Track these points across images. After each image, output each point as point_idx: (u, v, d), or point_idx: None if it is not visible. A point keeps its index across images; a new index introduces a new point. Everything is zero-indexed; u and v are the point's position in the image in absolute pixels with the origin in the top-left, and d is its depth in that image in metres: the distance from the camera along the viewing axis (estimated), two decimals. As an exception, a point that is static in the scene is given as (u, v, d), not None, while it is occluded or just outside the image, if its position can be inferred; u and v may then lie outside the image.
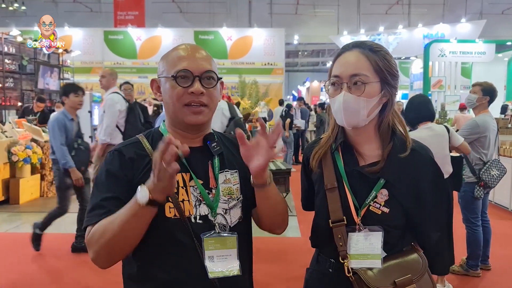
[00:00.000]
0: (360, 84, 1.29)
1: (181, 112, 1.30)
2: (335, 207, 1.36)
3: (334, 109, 1.34)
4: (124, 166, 1.29)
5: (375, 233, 1.32)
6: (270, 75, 15.08)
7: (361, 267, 1.31)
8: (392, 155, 1.34)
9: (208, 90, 1.31)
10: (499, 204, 6.77)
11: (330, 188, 1.38)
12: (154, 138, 1.37)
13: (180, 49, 1.35)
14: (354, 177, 1.36)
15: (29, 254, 4.62)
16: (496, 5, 19.17)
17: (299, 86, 32.04)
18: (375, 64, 1.31)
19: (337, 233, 1.35)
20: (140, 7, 16.68)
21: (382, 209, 1.32)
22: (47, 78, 11.13)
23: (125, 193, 1.24)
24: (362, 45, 1.34)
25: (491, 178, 3.90)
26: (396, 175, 1.33)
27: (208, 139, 1.38)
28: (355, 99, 1.29)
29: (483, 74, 11.64)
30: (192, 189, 1.31)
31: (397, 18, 19.67)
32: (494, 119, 4.11)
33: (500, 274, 4.22)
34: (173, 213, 1.27)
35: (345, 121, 1.31)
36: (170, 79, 1.30)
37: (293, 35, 21.41)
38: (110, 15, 17.29)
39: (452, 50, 11.83)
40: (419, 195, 1.35)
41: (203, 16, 19.76)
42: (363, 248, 1.32)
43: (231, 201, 1.35)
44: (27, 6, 18.42)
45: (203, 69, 1.31)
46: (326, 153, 1.42)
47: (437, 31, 16.46)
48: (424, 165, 1.36)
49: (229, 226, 1.33)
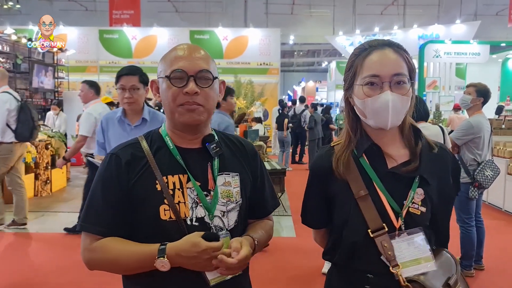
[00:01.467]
0: (402, 83, 1.27)
1: (176, 112, 1.30)
2: (372, 215, 1.27)
3: (374, 109, 1.26)
4: (120, 172, 1.29)
5: (416, 235, 1.28)
6: (266, 75, 15.08)
7: (416, 273, 1.24)
8: (424, 153, 1.34)
9: (203, 90, 1.29)
10: (492, 204, 6.81)
11: (361, 196, 1.29)
12: (153, 139, 1.37)
13: (178, 49, 1.34)
14: (389, 180, 1.30)
15: (24, 254, 4.60)
16: (490, 7, 19.25)
17: (294, 86, 32.06)
18: (408, 64, 1.30)
19: (382, 243, 1.26)
20: (136, 6, 16.61)
21: (420, 208, 1.29)
22: (41, 77, 11.08)
23: (121, 199, 1.27)
24: (392, 44, 1.31)
25: (485, 179, 3.92)
26: (430, 173, 1.32)
27: (207, 141, 1.36)
28: (401, 99, 1.26)
29: (477, 75, 11.69)
30: (189, 191, 1.30)
31: (392, 19, 19.73)
32: (487, 120, 4.14)
33: (493, 274, 4.25)
34: (169, 215, 1.26)
35: (391, 122, 1.27)
36: (165, 79, 1.30)
37: (289, 35, 21.43)
38: (105, 14, 17.22)
39: (446, 51, 11.89)
40: (443, 190, 1.35)
41: (198, 15, 19.73)
42: (411, 254, 1.26)
43: (229, 204, 1.35)
44: (22, 5, 18.30)
45: (198, 68, 1.29)
46: (348, 160, 1.34)
47: (432, 32, 16.53)
48: (449, 161, 1.39)
49: (225, 229, 1.32)
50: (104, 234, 1.27)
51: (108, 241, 1.26)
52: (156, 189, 1.27)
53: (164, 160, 1.32)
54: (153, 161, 1.30)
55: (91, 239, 1.27)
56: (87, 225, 1.28)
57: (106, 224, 1.27)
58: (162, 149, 1.34)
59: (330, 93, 22.60)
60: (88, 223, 1.28)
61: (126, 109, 3.11)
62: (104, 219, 1.27)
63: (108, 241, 1.26)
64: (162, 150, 1.34)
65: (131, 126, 3.08)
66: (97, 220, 1.27)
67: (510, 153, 6.62)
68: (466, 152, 4.02)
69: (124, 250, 1.25)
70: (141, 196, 1.27)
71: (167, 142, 1.35)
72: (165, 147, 1.34)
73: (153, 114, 3.14)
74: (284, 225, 5.89)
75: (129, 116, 3.13)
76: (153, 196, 1.27)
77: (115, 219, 1.27)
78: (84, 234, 1.29)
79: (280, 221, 6.07)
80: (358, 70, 1.30)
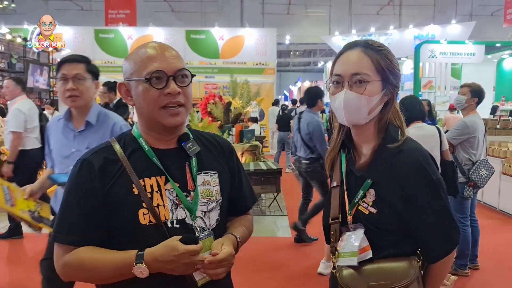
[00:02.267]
0: (361, 82, 1.29)
1: (159, 115, 1.25)
2: (334, 204, 1.38)
3: (334, 106, 1.34)
4: (93, 178, 1.24)
5: (357, 230, 1.31)
6: (262, 75, 15.07)
7: (343, 265, 1.30)
8: (378, 154, 1.32)
9: (184, 89, 1.27)
10: (487, 204, 6.84)
11: (334, 186, 1.41)
12: (126, 141, 1.32)
13: (147, 47, 1.29)
14: (350, 176, 1.38)
15: (18, 256, 4.58)
16: (485, 7, 19.34)
17: (290, 86, 32.08)
18: (376, 63, 1.31)
19: (332, 230, 1.36)
20: (132, 5, 16.58)
21: (369, 209, 1.31)
22: (36, 77, 11.03)
23: (95, 207, 1.23)
24: (365, 44, 1.34)
25: (480, 178, 3.94)
26: (381, 175, 1.30)
27: (182, 140, 1.33)
28: (356, 97, 1.29)
29: (472, 75, 11.72)
30: (167, 192, 1.26)
31: (388, 19, 19.78)
32: (482, 120, 4.16)
33: (488, 273, 4.26)
34: (148, 219, 1.23)
35: (346, 118, 1.31)
36: (142, 81, 1.24)
37: (285, 35, 21.42)
38: (101, 13, 17.17)
39: (442, 51, 11.91)
40: (410, 200, 1.27)
41: (194, 15, 19.71)
42: (348, 247, 1.31)
43: (210, 203, 1.33)
44: (17, 4, 18.23)
45: (176, 67, 1.26)
46: (336, 155, 1.45)
47: (428, 32, 16.57)
48: (412, 168, 1.28)
49: (208, 229, 1.30)
50: (77, 243, 1.22)
51: (82, 250, 1.21)
52: (133, 193, 1.23)
53: (140, 163, 1.27)
54: (128, 164, 1.26)
55: (64, 249, 1.23)
56: (60, 235, 1.23)
57: (79, 234, 1.22)
58: (137, 151, 1.30)
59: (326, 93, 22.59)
60: (60, 233, 1.23)
61: (70, 107, 2.44)
62: (77, 228, 1.22)
63: (83, 250, 1.21)
64: (137, 153, 1.29)
65: (75, 132, 2.43)
66: (70, 230, 1.23)
67: (505, 153, 6.64)
68: (461, 151, 4.04)
69: (100, 258, 1.20)
70: (117, 201, 1.23)
71: (142, 144, 1.30)
72: (140, 149, 1.30)
73: (104, 116, 2.49)
74: (280, 225, 5.89)
75: (74, 119, 2.46)
76: (130, 200, 1.23)
77: (89, 228, 1.22)
78: (56, 245, 1.24)
79: (276, 221, 6.07)
80: (331, 70, 1.38)
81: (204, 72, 15.12)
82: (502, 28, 15.43)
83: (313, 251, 4.71)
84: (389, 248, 1.30)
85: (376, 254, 1.29)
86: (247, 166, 6.35)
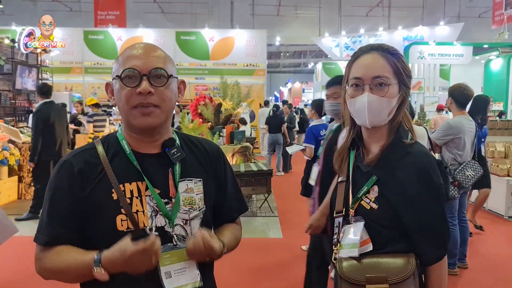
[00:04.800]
0: (383, 85, 1.33)
1: (130, 115, 1.22)
2: (339, 199, 1.42)
3: (355, 108, 1.36)
4: (71, 181, 1.22)
5: (357, 223, 1.35)
6: (252, 76, 15.09)
7: (344, 256, 1.33)
8: (387, 153, 1.36)
9: (158, 89, 1.21)
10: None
11: (340, 181, 1.45)
12: (110, 143, 1.29)
13: (132, 47, 1.26)
14: (357, 172, 1.41)
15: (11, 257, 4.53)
16: (473, 9, 19.55)
17: (281, 87, 32.15)
18: (394, 66, 1.35)
19: (335, 223, 1.41)
20: (121, 7, 16.50)
21: (371, 204, 1.34)
22: (25, 78, 10.92)
23: (70, 209, 1.21)
24: (380, 48, 1.38)
25: (465, 178, 3.99)
26: (386, 173, 1.33)
27: (167, 146, 1.28)
28: (379, 100, 1.32)
29: (461, 76, 11.86)
30: (148, 198, 1.23)
31: (377, 21, 19.91)
32: (471, 121, 4.16)
33: (477, 272, 4.31)
34: (126, 225, 1.20)
35: (369, 120, 1.34)
36: (117, 79, 1.22)
37: (275, 36, 21.47)
38: (90, 14, 17.07)
39: (431, 52, 12.04)
40: (409, 201, 1.30)
41: (185, 16, 19.67)
42: (349, 239, 1.34)
43: (192, 211, 1.28)
44: (5, 5, 18.02)
45: (151, 66, 1.20)
46: (345, 152, 1.49)
47: (417, 33, 16.73)
48: (416, 171, 1.31)
49: (189, 238, 1.25)
50: (48, 244, 1.21)
51: (54, 250, 1.21)
52: (112, 198, 1.20)
53: (121, 167, 1.24)
54: (109, 168, 1.22)
55: (40, 249, 1.23)
56: (37, 234, 1.23)
57: (53, 235, 1.21)
58: (119, 154, 1.26)
59: (317, 94, 22.68)
60: (37, 232, 1.23)
61: None
62: (51, 229, 1.21)
63: (54, 250, 1.21)
64: (119, 156, 1.26)
65: None
66: (44, 230, 1.22)
67: (493, 153, 6.73)
68: (446, 152, 4.10)
69: (65, 259, 1.19)
70: (96, 205, 1.20)
71: (124, 147, 1.27)
72: (122, 152, 1.27)
73: None
74: (271, 226, 5.89)
75: None
76: (109, 205, 1.20)
77: (62, 230, 1.21)
78: (36, 245, 1.25)
79: (267, 221, 6.07)
80: (348, 73, 1.40)
81: (194, 73, 15.10)
82: (490, 30, 15.60)
83: (304, 251, 4.73)
84: (387, 245, 1.32)
85: (375, 250, 1.32)
86: (238, 168, 6.35)
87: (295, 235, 5.29)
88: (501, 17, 13.61)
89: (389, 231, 1.32)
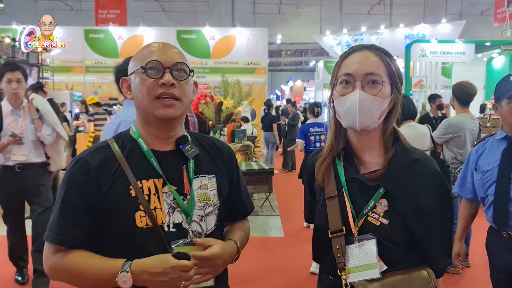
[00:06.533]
0: (376, 83, 1.23)
1: (152, 106, 1.23)
2: (334, 216, 1.27)
3: (344, 108, 1.24)
4: (87, 179, 1.21)
5: (368, 241, 1.23)
6: (253, 74, 15.05)
7: (360, 280, 1.21)
8: (393, 163, 1.25)
9: (180, 82, 1.25)
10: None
11: (330, 197, 1.29)
12: (124, 141, 1.30)
13: (151, 45, 1.31)
14: (354, 185, 1.28)
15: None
16: (475, 6, 19.48)
17: (282, 86, 32.14)
18: (388, 66, 1.26)
19: (335, 244, 1.25)
20: (122, 5, 16.47)
21: (381, 220, 1.24)
22: (26, 77, 10.93)
23: (86, 208, 1.20)
24: (372, 47, 1.29)
25: None
26: (396, 185, 1.24)
27: (181, 142, 1.30)
28: (371, 99, 1.22)
29: (463, 74, 11.81)
30: (165, 195, 1.24)
31: (379, 19, 19.87)
32: (474, 119, 4.13)
33: (479, 270, 4.28)
34: (145, 222, 1.20)
35: (358, 121, 1.22)
36: (140, 71, 1.24)
37: (276, 34, 21.44)
38: (91, 13, 17.04)
39: (432, 50, 11.98)
40: (421, 210, 1.23)
41: (185, 15, 19.63)
42: (359, 260, 1.23)
43: (207, 207, 1.29)
44: (5, 4, 18.02)
45: (174, 60, 1.25)
46: (329, 167, 1.34)
47: (418, 31, 16.67)
48: (428, 178, 1.25)
49: (204, 234, 1.27)
50: (62, 243, 1.20)
51: (72, 253, 1.19)
52: (130, 195, 1.21)
53: (138, 164, 1.25)
54: (126, 165, 1.23)
55: (52, 248, 1.21)
56: (48, 233, 1.21)
57: (66, 233, 1.20)
58: (135, 152, 1.27)
59: (318, 92, 22.67)
60: (49, 231, 1.22)
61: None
62: (63, 228, 1.20)
63: (72, 253, 1.19)
64: (135, 153, 1.27)
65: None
66: (56, 229, 1.21)
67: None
68: (447, 150, 4.09)
69: (87, 263, 1.18)
70: (114, 203, 1.20)
71: (141, 144, 1.28)
72: (138, 149, 1.27)
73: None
74: (272, 225, 5.88)
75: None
76: (128, 202, 1.20)
77: (77, 228, 1.20)
78: (46, 244, 1.23)
79: (268, 220, 6.06)
80: (336, 72, 1.30)
81: (195, 72, 15.06)
82: (492, 27, 15.54)
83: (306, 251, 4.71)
84: (401, 262, 1.25)
85: (389, 268, 1.23)
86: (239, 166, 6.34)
87: (296, 234, 5.27)
88: (503, 15, 13.55)
89: (400, 246, 1.25)
